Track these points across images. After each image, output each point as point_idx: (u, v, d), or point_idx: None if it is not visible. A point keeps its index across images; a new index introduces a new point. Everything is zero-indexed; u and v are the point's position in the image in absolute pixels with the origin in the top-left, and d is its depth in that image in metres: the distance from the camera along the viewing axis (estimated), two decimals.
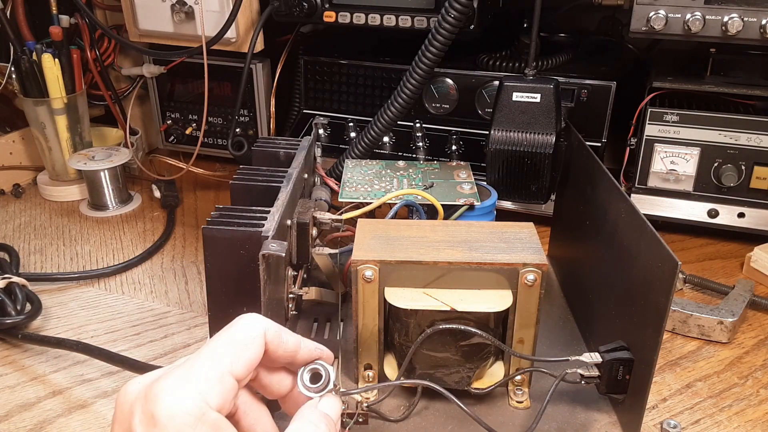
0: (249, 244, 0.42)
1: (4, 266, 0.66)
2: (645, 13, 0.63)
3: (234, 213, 0.44)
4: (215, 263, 0.43)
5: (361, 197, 0.58)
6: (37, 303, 0.61)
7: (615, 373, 0.44)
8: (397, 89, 0.67)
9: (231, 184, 0.49)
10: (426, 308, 0.44)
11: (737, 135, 0.67)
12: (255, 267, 0.41)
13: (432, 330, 0.44)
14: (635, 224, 0.45)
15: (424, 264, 0.45)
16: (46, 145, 0.86)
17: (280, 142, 0.57)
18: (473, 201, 0.58)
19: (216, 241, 0.42)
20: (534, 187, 0.62)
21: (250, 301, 0.41)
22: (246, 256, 0.42)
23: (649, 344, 0.41)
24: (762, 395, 0.52)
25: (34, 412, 0.50)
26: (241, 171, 0.51)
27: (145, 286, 0.67)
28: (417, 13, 0.71)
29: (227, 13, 0.75)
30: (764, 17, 0.60)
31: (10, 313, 0.59)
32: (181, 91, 0.90)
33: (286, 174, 0.51)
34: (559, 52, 0.78)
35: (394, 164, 0.65)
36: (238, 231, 0.42)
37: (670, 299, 0.39)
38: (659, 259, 0.40)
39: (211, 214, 0.43)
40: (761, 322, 0.61)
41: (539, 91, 0.60)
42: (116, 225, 0.80)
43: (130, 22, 0.82)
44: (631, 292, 0.45)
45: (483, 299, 0.44)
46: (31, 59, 0.81)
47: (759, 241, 0.69)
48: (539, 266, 0.44)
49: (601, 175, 0.52)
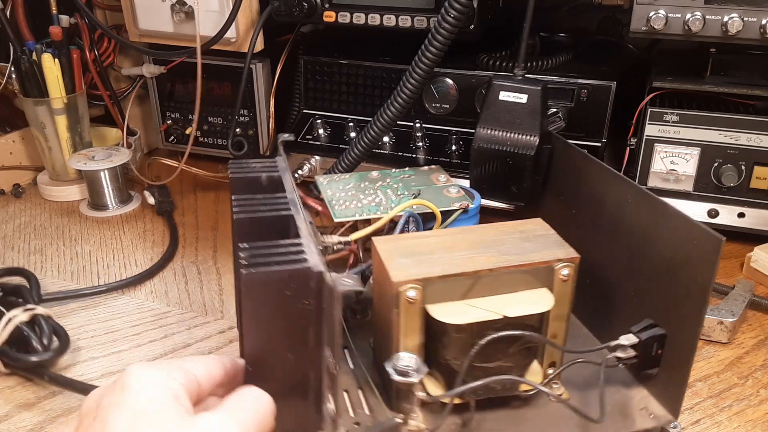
0: (296, 283, 0.37)
1: (24, 293, 0.61)
2: (645, 13, 0.63)
3: (265, 250, 0.39)
4: (258, 309, 0.38)
5: (356, 215, 0.56)
6: (64, 337, 0.55)
7: (650, 349, 0.46)
8: (396, 89, 0.67)
9: (236, 219, 0.44)
10: (479, 320, 0.43)
11: (737, 135, 0.67)
12: (302, 307, 0.37)
13: (487, 340, 0.42)
14: (651, 207, 0.47)
15: (466, 275, 0.43)
16: (46, 145, 0.86)
17: (255, 165, 0.51)
18: (468, 204, 0.58)
19: (260, 285, 0.37)
20: (515, 188, 0.62)
21: (295, 346, 0.38)
22: (293, 297, 0.37)
23: (689, 318, 0.44)
24: (762, 395, 0.52)
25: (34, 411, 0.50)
26: (239, 202, 0.46)
27: (145, 286, 0.67)
28: (417, 13, 0.71)
29: (227, 13, 0.75)
30: (764, 17, 0.60)
31: (36, 349, 0.53)
32: (181, 91, 0.90)
33: (288, 200, 0.47)
34: (559, 52, 0.78)
35: (368, 176, 0.63)
36: (284, 270, 0.37)
37: (714, 273, 0.41)
38: (693, 237, 0.43)
39: (240, 255, 0.38)
40: (761, 322, 0.61)
41: (526, 92, 0.60)
42: (116, 225, 0.80)
43: (130, 22, 0.82)
44: (656, 273, 0.47)
45: (526, 301, 0.44)
46: (31, 59, 0.81)
47: (759, 241, 0.69)
48: (572, 260, 0.45)
49: (592, 165, 0.53)
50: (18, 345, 0.54)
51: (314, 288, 0.37)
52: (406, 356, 0.42)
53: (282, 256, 0.39)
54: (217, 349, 0.57)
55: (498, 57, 0.77)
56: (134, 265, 0.71)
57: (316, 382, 0.39)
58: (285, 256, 0.39)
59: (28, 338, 0.53)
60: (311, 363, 0.38)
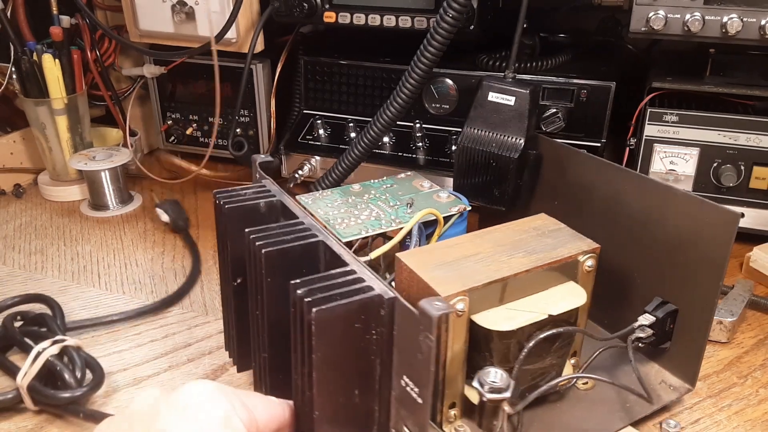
0: (366, 313, 0.35)
1: (49, 322, 0.56)
2: (644, 13, 0.63)
3: (321, 283, 0.36)
4: (330, 348, 0.35)
5: (362, 231, 0.54)
6: (99, 371, 0.51)
7: (665, 326, 0.49)
8: (395, 89, 0.67)
9: (265, 254, 0.40)
10: (528, 323, 0.42)
11: (736, 135, 0.67)
12: (369, 338, 0.35)
13: (535, 341, 0.43)
14: (655, 191, 0.50)
15: (505, 279, 0.43)
16: (47, 145, 0.86)
17: (245, 192, 0.47)
18: (465, 207, 0.58)
19: (332, 322, 0.34)
20: (497, 191, 0.61)
21: (363, 383, 0.36)
22: (361, 328, 0.35)
23: (704, 291, 0.47)
24: (761, 395, 0.52)
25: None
26: (259, 235, 0.41)
27: (146, 286, 0.67)
28: (417, 14, 0.71)
29: (227, 13, 0.75)
30: (764, 17, 0.60)
31: (70, 384, 0.49)
32: (181, 92, 0.90)
33: (308, 225, 0.43)
34: (559, 52, 0.78)
35: (351, 190, 0.61)
36: (353, 302, 0.34)
37: (730, 246, 0.45)
38: (705, 215, 0.46)
39: (297, 293, 0.34)
40: (761, 322, 0.61)
41: (514, 95, 0.60)
42: (117, 225, 0.80)
43: (130, 23, 0.82)
44: (666, 252, 0.49)
45: (561, 297, 0.45)
46: (31, 59, 0.81)
47: (758, 241, 0.69)
48: (594, 250, 0.46)
49: (576, 156, 0.55)
50: (46, 379, 0.49)
51: (385, 315, 0.35)
52: (493, 371, 0.41)
53: (342, 287, 0.35)
54: (218, 349, 0.57)
55: (498, 57, 0.77)
56: (135, 265, 0.71)
57: (382, 416, 0.37)
58: (346, 286, 0.36)
59: (60, 372, 0.49)
60: (376, 396, 0.37)
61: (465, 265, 0.44)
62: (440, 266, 0.43)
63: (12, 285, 0.67)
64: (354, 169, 0.71)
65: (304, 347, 0.34)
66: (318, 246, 0.41)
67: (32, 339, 0.53)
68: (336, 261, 0.40)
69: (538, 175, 0.61)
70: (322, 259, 0.41)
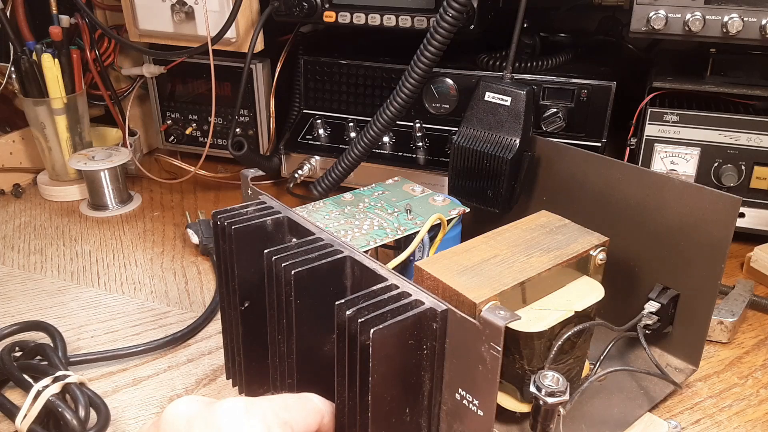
0: (419, 329, 0.34)
1: (50, 354, 0.51)
2: (645, 13, 0.63)
3: (366, 301, 0.34)
4: (384, 368, 0.33)
5: (370, 242, 0.52)
6: (104, 410, 0.47)
7: (668, 311, 0.51)
8: (395, 89, 0.67)
9: (294, 275, 0.37)
10: (557, 321, 0.43)
11: (737, 135, 0.67)
12: (421, 354, 0.34)
13: (564, 339, 0.43)
14: (651, 181, 0.51)
15: (532, 280, 0.43)
16: (46, 145, 0.86)
17: (246, 210, 0.44)
18: (464, 209, 0.57)
19: (388, 341, 0.32)
20: (490, 192, 0.60)
21: (413, 400, 0.34)
22: (414, 345, 0.34)
23: (706, 275, 0.49)
24: (762, 395, 0.52)
25: None
26: (282, 255, 0.39)
27: (145, 286, 0.67)
28: (417, 13, 0.71)
29: (227, 13, 0.75)
30: (764, 17, 0.60)
31: (73, 427, 0.44)
32: (181, 92, 0.90)
33: (324, 240, 0.41)
34: (559, 52, 0.78)
35: (342, 199, 0.59)
36: (407, 318, 0.33)
37: (731, 230, 0.46)
38: (705, 202, 0.47)
39: (347, 313, 0.33)
40: (761, 322, 0.61)
41: (510, 95, 0.60)
42: (116, 225, 0.80)
43: (130, 22, 0.82)
44: (665, 240, 0.51)
45: (580, 292, 0.45)
46: (31, 59, 0.81)
47: (759, 241, 0.69)
48: (604, 243, 0.47)
49: (566, 150, 0.56)
50: (46, 419, 0.46)
51: (438, 329, 0.34)
52: (550, 375, 0.40)
53: (390, 303, 0.34)
54: (217, 349, 0.57)
55: (498, 57, 0.77)
56: (134, 265, 0.71)
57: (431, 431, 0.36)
58: (393, 302, 0.34)
59: (61, 414, 0.45)
60: (425, 411, 0.36)
61: (487, 268, 0.43)
62: (464, 272, 0.43)
63: (11, 285, 0.67)
64: (354, 168, 0.71)
65: (354, 370, 0.33)
66: (345, 262, 0.39)
67: (32, 373, 0.49)
68: (369, 276, 0.38)
69: (530, 173, 0.61)
70: (349, 276, 0.39)
